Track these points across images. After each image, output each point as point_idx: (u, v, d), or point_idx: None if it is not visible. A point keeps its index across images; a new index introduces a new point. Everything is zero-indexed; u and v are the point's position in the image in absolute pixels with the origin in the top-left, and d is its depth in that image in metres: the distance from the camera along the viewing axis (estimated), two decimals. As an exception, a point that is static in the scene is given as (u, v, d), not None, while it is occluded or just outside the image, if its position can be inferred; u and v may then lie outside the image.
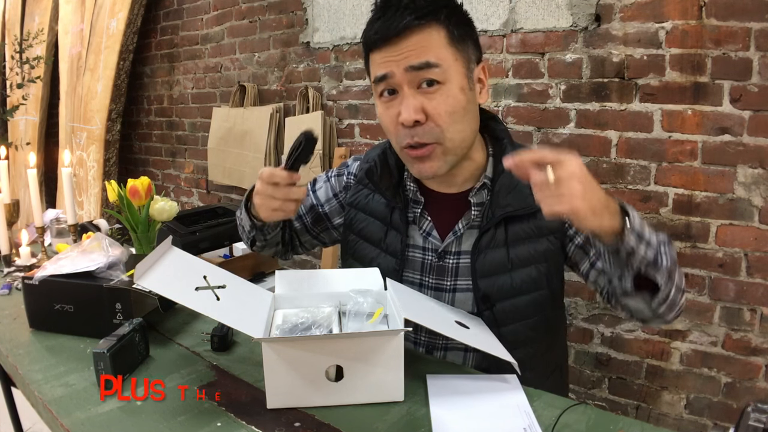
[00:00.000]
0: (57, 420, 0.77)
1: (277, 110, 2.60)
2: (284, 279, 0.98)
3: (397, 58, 0.89)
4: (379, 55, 0.91)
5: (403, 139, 0.93)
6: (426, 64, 0.88)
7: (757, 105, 1.47)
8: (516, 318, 0.97)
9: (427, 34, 0.88)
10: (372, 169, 1.05)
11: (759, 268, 1.53)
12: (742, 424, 0.53)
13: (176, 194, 3.38)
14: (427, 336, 1.02)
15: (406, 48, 0.88)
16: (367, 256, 1.06)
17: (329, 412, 0.77)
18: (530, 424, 0.73)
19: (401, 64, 0.89)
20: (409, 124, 0.90)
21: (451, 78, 0.90)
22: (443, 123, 0.90)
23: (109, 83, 3.20)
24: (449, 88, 0.90)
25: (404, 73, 0.89)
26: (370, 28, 0.92)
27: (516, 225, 0.96)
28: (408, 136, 0.91)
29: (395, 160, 1.05)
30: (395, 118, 0.92)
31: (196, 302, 0.77)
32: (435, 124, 0.90)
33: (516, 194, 0.96)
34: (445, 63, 0.89)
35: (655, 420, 1.72)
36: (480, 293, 0.97)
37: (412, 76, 0.89)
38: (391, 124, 0.94)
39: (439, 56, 0.89)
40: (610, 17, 1.66)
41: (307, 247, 1.22)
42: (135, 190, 1.30)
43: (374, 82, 0.94)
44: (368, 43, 0.93)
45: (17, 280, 1.30)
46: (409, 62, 0.88)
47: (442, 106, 0.89)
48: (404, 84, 0.90)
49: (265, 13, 2.65)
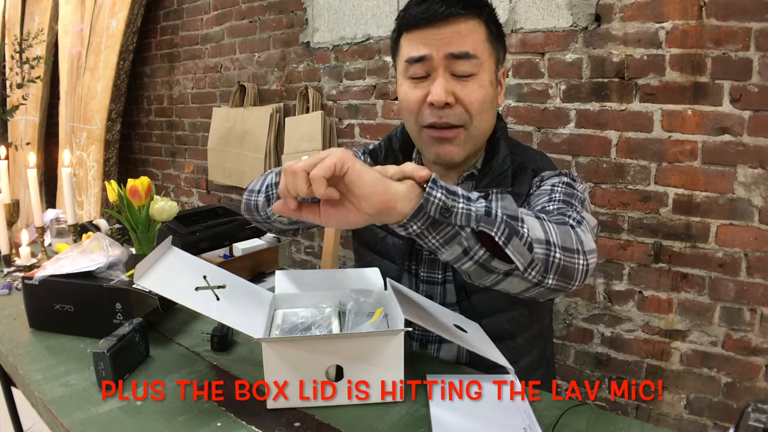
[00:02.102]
0: (57, 420, 0.77)
1: (277, 110, 2.60)
2: (284, 279, 0.98)
3: (439, 42, 0.90)
4: (418, 36, 0.92)
5: (427, 117, 0.94)
6: (465, 54, 0.90)
7: (757, 105, 1.47)
8: (493, 310, 0.99)
9: (472, 25, 0.91)
10: (376, 151, 1.07)
11: (759, 268, 1.53)
12: (742, 424, 0.53)
13: (176, 194, 3.38)
14: (420, 330, 1.02)
15: (449, 33, 0.90)
16: (374, 239, 1.07)
17: (329, 412, 0.77)
18: (530, 424, 0.73)
19: (441, 49, 0.90)
20: (439, 104, 0.91)
21: (484, 71, 0.93)
22: (473, 109, 0.92)
23: (109, 83, 3.20)
24: (481, 80, 0.92)
25: (443, 59, 0.90)
26: (414, 8, 0.92)
27: None
28: (435, 116, 0.93)
29: (400, 145, 1.07)
30: (422, 97, 0.93)
31: (196, 302, 0.77)
32: (464, 108, 0.92)
33: (495, 186, 0.97)
34: (482, 56, 0.92)
35: (655, 420, 1.72)
36: (458, 283, 0.99)
37: (449, 62, 0.91)
38: (415, 103, 0.95)
39: (477, 49, 0.91)
40: (610, 17, 1.66)
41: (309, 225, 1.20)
42: (135, 190, 1.29)
43: (407, 61, 0.94)
44: (409, 22, 0.93)
45: (17, 280, 1.30)
46: (449, 49, 0.90)
47: (474, 94, 0.92)
48: (440, 67, 0.91)
49: (265, 13, 2.65)
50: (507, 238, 0.69)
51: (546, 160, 1.05)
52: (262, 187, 1.02)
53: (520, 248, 0.70)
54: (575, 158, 1.79)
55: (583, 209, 0.89)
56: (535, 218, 0.75)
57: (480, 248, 0.70)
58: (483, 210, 0.69)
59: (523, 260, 0.71)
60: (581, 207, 0.89)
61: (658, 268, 1.68)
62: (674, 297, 1.66)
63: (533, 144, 1.85)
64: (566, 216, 0.82)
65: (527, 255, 0.71)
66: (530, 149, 1.09)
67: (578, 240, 0.76)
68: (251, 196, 1.05)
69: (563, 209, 0.86)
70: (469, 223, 0.68)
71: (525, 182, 0.98)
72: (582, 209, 0.88)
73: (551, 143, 1.82)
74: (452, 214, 0.68)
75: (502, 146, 1.00)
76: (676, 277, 1.65)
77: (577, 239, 0.76)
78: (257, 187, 1.04)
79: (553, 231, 0.74)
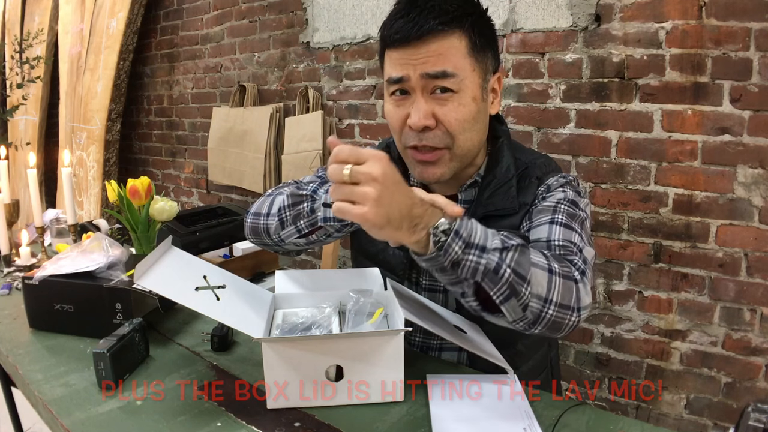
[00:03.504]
0: (57, 420, 0.77)
1: (277, 110, 2.60)
2: (284, 279, 0.98)
3: (414, 63, 0.87)
4: (396, 55, 0.89)
5: (408, 140, 0.92)
6: (443, 73, 0.86)
7: (757, 105, 1.47)
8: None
9: (449, 41, 0.87)
10: None
11: (759, 268, 1.53)
12: (742, 424, 0.53)
13: (176, 194, 3.38)
14: (422, 336, 1.02)
15: (425, 53, 0.86)
16: (375, 248, 1.06)
17: (329, 412, 0.77)
18: (530, 424, 0.73)
19: (418, 69, 0.87)
20: (417, 129, 0.88)
21: (466, 88, 0.88)
22: (453, 129, 0.89)
23: (109, 83, 3.20)
24: (462, 97, 0.88)
25: (419, 79, 0.87)
26: (391, 26, 0.89)
27: (495, 224, 0.94)
28: (415, 139, 0.90)
29: (398, 154, 1.05)
30: (403, 118, 0.91)
31: (196, 302, 0.77)
32: (445, 129, 0.89)
33: (501, 194, 0.96)
34: (462, 73, 0.87)
35: (655, 420, 1.72)
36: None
37: (427, 82, 0.87)
38: (398, 124, 0.92)
39: (457, 66, 0.87)
40: (610, 17, 1.66)
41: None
42: (135, 190, 1.30)
43: (388, 81, 0.92)
44: (386, 41, 0.91)
45: (17, 280, 1.30)
46: (425, 69, 0.86)
47: (453, 114, 0.88)
48: (418, 88, 0.88)
49: (265, 13, 2.65)
50: (505, 298, 0.72)
51: (550, 164, 1.03)
52: (272, 210, 0.98)
53: (515, 307, 0.73)
54: (575, 158, 1.79)
55: (584, 236, 0.89)
56: (547, 271, 0.75)
57: (474, 300, 0.75)
58: (493, 265, 0.71)
59: (514, 315, 0.74)
60: (582, 233, 0.88)
61: (658, 268, 1.68)
62: (674, 297, 1.66)
63: (533, 144, 1.86)
64: (572, 264, 0.81)
65: (519, 313, 0.74)
66: (533, 152, 1.06)
67: (577, 297, 0.77)
68: (259, 219, 1.00)
69: (568, 248, 0.85)
70: (474, 277, 0.71)
71: (530, 192, 0.96)
72: (583, 240, 0.87)
73: (551, 143, 1.82)
74: (460, 266, 0.70)
75: (505, 153, 0.98)
76: (676, 277, 1.65)
77: (576, 296, 0.77)
78: (265, 210, 1.00)
79: (557, 288, 0.75)
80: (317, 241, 0.97)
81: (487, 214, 0.95)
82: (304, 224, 0.93)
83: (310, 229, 0.95)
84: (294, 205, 0.94)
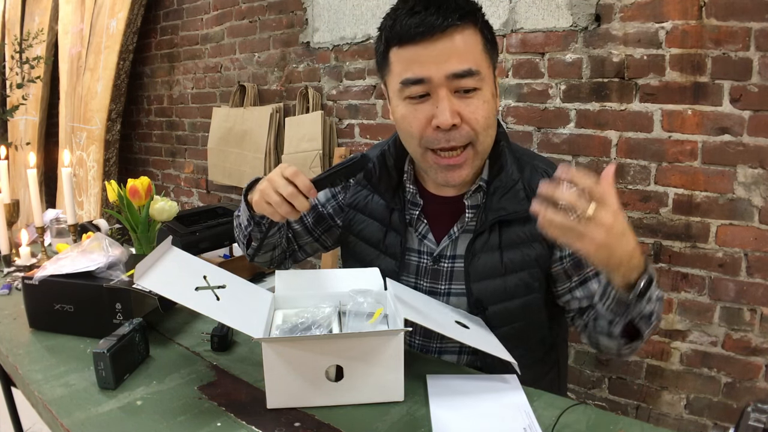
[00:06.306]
0: (57, 420, 0.77)
1: (277, 110, 2.60)
2: (284, 279, 0.98)
3: (436, 61, 0.84)
4: (412, 52, 0.85)
5: (433, 142, 0.89)
6: (468, 71, 0.85)
7: (757, 105, 1.47)
8: (508, 321, 0.97)
9: (468, 36, 0.86)
10: (371, 171, 1.03)
11: (759, 268, 1.53)
12: (742, 424, 0.53)
13: (176, 194, 3.38)
14: (421, 339, 1.01)
15: (446, 49, 0.84)
16: (366, 258, 1.05)
17: (329, 412, 0.77)
18: (530, 424, 0.73)
19: (441, 68, 0.84)
20: (446, 128, 0.86)
21: (486, 85, 0.88)
22: (479, 127, 0.88)
23: (109, 83, 3.20)
24: (484, 94, 0.88)
25: (444, 79, 0.85)
26: (406, 19, 0.85)
27: (510, 229, 0.95)
28: (441, 140, 0.88)
29: (394, 161, 1.03)
30: (425, 119, 0.88)
31: (196, 302, 0.77)
32: (470, 127, 0.88)
33: (510, 198, 0.94)
34: (483, 70, 0.87)
35: (655, 420, 1.72)
36: (473, 297, 0.96)
37: (451, 82, 0.85)
38: (418, 126, 0.89)
39: (478, 62, 0.86)
40: (610, 17, 1.66)
41: (307, 251, 1.18)
42: (135, 190, 1.30)
43: (402, 83, 0.88)
44: (400, 36, 0.86)
45: (17, 280, 1.30)
46: (451, 68, 0.84)
47: (479, 111, 0.87)
48: (442, 88, 0.86)
49: (265, 13, 2.65)
50: (649, 334, 0.86)
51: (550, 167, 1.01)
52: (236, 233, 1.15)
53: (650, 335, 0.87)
54: (575, 158, 1.79)
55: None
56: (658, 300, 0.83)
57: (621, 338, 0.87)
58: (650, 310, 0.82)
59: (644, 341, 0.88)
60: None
61: (658, 268, 1.68)
62: (674, 297, 1.66)
63: (533, 144, 1.86)
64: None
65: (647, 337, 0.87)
66: (530, 153, 1.05)
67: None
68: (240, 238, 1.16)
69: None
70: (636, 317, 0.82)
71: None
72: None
73: (551, 143, 1.82)
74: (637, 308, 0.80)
75: (507, 156, 0.97)
76: (676, 277, 1.65)
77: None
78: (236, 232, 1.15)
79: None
80: (266, 239, 1.05)
81: (501, 220, 0.94)
82: (243, 236, 1.09)
83: (248, 239, 1.08)
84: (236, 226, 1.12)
